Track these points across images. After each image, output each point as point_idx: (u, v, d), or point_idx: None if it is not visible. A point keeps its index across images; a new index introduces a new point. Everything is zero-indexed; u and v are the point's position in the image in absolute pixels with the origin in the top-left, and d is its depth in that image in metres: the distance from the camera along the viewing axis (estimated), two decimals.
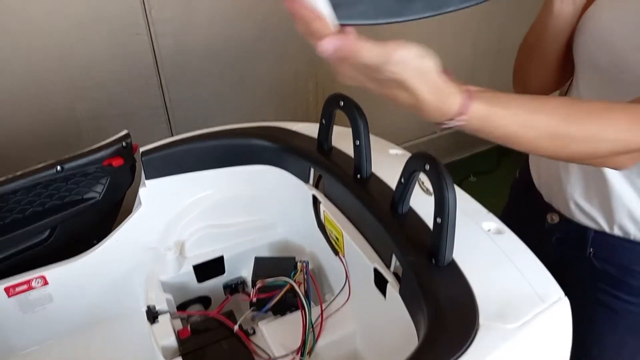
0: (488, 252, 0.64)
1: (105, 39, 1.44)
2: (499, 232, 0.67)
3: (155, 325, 0.82)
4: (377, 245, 0.72)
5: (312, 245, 0.94)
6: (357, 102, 0.76)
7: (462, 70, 2.19)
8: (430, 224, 0.65)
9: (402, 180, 0.67)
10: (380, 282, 0.70)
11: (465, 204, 0.74)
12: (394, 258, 0.68)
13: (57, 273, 0.89)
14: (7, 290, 0.87)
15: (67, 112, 1.51)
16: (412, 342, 0.63)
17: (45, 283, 0.89)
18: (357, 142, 0.76)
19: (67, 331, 0.93)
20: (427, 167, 0.60)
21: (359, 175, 0.77)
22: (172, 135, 1.71)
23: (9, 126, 1.44)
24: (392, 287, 0.66)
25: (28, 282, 0.88)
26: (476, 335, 0.53)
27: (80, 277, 0.91)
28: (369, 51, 0.43)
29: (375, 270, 0.70)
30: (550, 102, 0.54)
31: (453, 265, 0.61)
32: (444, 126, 0.49)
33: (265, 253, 0.96)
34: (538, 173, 0.87)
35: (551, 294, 0.58)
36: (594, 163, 0.58)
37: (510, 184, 1.00)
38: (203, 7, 1.54)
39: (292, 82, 1.84)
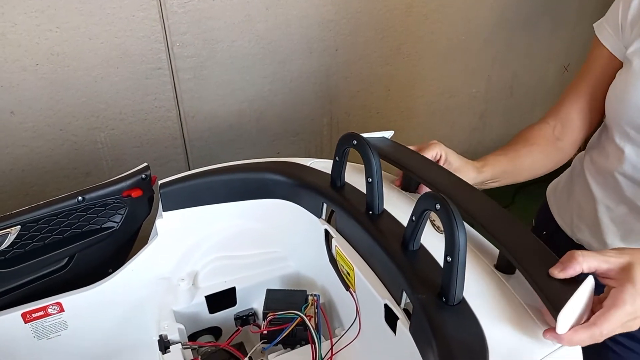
0: (499, 292, 0.65)
1: (128, 72, 1.50)
2: (510, 272, 0.68)
3: (167, 355, 0.83)
4: (387, 281, 0.73)
5: (323, 279, 0.96)
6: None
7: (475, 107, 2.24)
8: (441, 262, 0.66)
9: (413, 218, 0.68)
10: (391, 319, 0.70)
11: (476, 243, 0.75)
12: (404, 295, 0.68)
13: (73, 300, 0.91)
14: (23, 315, 0.89)
15: (88, 143, 1.56)
16: None
17: (61, 310, 0.91)
18: (370, 180, 0.78)
19: None
20: (438, 206, 0.61)
21: (370, 212, 0.79)
22: (190, 168, 1.77)
23: (32, 154, 1.49)
24: (402, 324, 0.67)
25: (44, 308, 0.90)
26: None
27: (95, 305, 0.92)
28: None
29: (386, 307, 0.71)
30: None
31: (463, 304, 0.62)
32: None
33: (276, 285, 0.98)
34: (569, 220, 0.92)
35: None
36: None
37: (524, 220, 1.01)
38: (222, 46, 1.61)
39: (307, 117, 1.89)
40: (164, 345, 0.84)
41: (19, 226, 0.87)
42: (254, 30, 1.63)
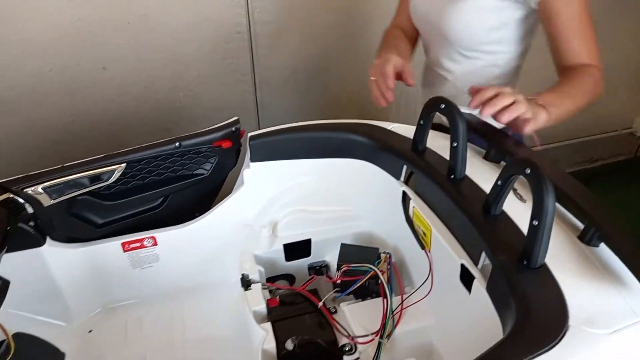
0: (581, 262, 0.65)
1: (209, 36, 1.56)
2: (594, 245, 0.68)
3: (249, 292, 0.90)
4: (465, 243, 0.76)
5: (395, 239, 0.99)
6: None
7: None
8: (522, 229, 0.68)
9: (499, 182, 0.70)
10: (466, 278, 0.73)
11: (559, 215, 0.75)
12: (483, 256, 0.71)
13: (166, 236, 1.00)
14: (123, 245, 0.99)
15: (168, 102, 1.66)
16: (493, 336, 0.65)
17: (155, 244, 1.00)
18: (455, 144, 0.80)
19: (165, 291, 1.05)
20: (528, 171, 0.62)
21: (452, 176, 0.81)
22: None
23: (119, 109, 1.60)
24: (479, 283, 0.69)
25: (141, 240, 1.00)
26: (565, 335, 0.55)
27: (184, 242, 1.01)
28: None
29: (462, 266, 0.73)
30: (573, 90, 0.90)
31: (545, 268, 0.63)
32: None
33: (348, 242, 1.02)
34: None
35: None
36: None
37: None
38: (300, 15, 1.63)
39: None
40: (246, 283, 0.92)
41: (125, 164, 0.96)
42: (331, 0, 1.64)
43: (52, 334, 0.90)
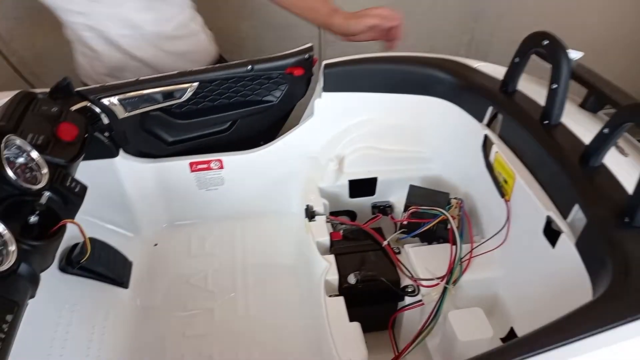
0: None
1: None
2: None
3: (313, 223, 0.89)
4: (555, 194, 0.70)
5: (468, 185, 0.94)
6: None
7: None
8: (624, 184, 0.61)
9: (606, 130, 0.63)
10: (551, 232, 0.68)
11: None
12: (575, 209, 0.65)
13: (232, 161, 1.00)
14: (191, 165, 1.00)
15: (232, 31, 1.62)
16: (572, 294, 0.61)
17: (221, 167, 1.00)
18: (554, 86, 0.72)
19: (229, 214, 1.06)
20: None
21: (546, 121, 0.74)
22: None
23: None
24: (567, 238, 0.64)
25: (208, 162, 1.00)
26: None
27: (250, 168, 1.01)
28: None
29: (548, 218, 0.68)
30: None
31: None
32: None
33: (417, 184, 0.98)
34: None
35: None
36: None
37: None
38: None
39: (446, 32, 1.76)
40: (311, 214, 0.91)
41: (197, 83, 0.94)
42: None
43: (121, 243, 0.94)
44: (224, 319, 0.87)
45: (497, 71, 0.89)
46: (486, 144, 0.86)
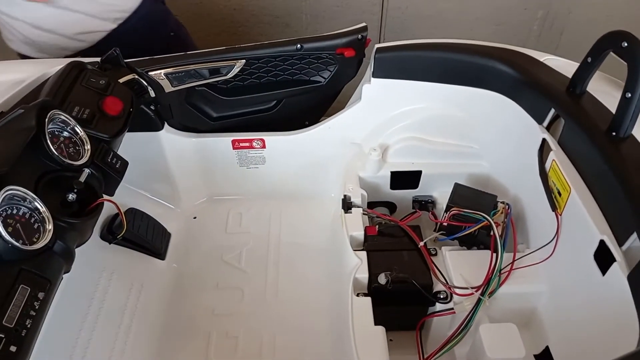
0: None
1: None
2: None
3: (349, 215, 0.87)
4: (613, 217, 0.63)
5: (518, 189, 0.88)
6: None
7: None
8: None
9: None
10: (603, 257, 0.62)
11: None
12: (633, 237, 0.59)
13: (275, 141, 0.99)
14: (233, 142, 0.99)
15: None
16: (617, 326, 0.56)
17: (263, 146, 0.99)
18: (628, 95, 0.64)
19: (267, 193, 1.06)
20: None
21: (614, 133, 0.66)
22: (381, 39, 1.69)
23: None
24: (620, 268, 0.58)
25: (250, 141, 0.99)
26: None
27: (292, 149, 0.99)
28: None
29: (602, 243, 0.62)
30: None
31: None
32: None
33: (462, 181, 0.92)
34: None
35: None
36: None
37: None
38: None
39: (519, 6, 1.62)
40: (347, 205, 0.88)
41: (244, 60, 0.92)
42: None
43: (162, 214, 0.96)
44: (253, 300, 0.89)
45: (570, 67, 0.80)
46: (543, 149, 0.79)
